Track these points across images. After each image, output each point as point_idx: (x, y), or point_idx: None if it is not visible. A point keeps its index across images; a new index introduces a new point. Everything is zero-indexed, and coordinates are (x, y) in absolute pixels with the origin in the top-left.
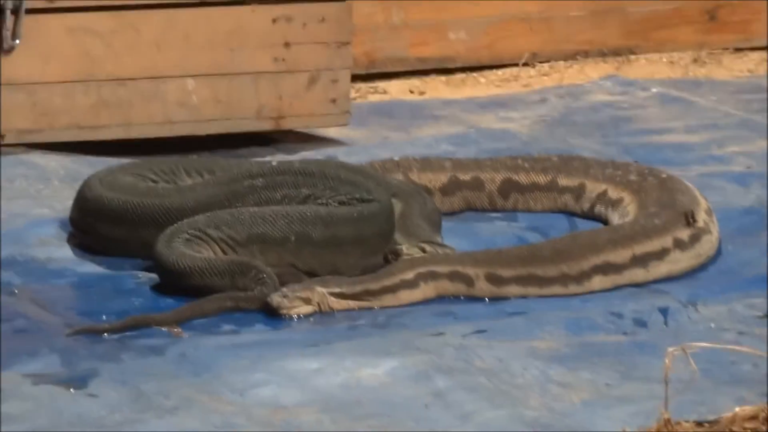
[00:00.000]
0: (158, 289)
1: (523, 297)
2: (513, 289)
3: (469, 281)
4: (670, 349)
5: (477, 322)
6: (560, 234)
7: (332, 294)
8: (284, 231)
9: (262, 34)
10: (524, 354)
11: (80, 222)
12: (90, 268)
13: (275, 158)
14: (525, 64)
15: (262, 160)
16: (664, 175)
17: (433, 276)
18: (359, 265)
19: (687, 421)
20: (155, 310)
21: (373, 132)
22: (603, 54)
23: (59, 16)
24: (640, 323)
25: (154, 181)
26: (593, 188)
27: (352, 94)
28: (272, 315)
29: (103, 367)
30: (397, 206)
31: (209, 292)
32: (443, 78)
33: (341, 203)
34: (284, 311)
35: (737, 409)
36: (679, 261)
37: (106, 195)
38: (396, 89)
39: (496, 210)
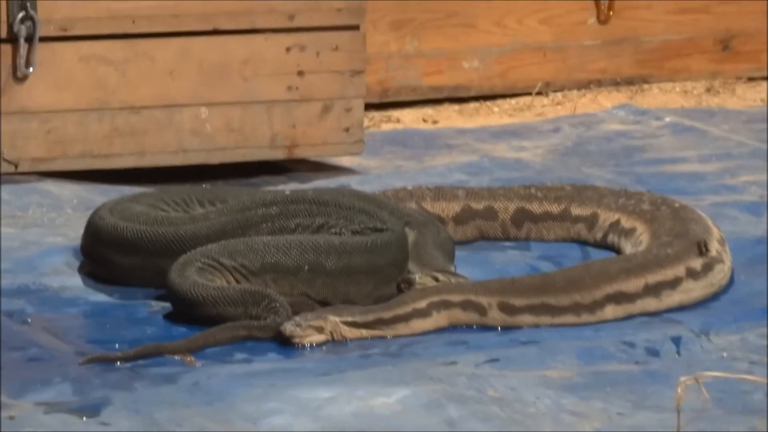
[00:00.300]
0: (171, 317)
1: (536, 326)
2: (526, 318)
3: (481, 310)
4: (683, 379)
5: (490, 351)
6: (573, 263)
7: (345, 323)
8: (297, 260)
9: (276, 63)
10: (537, 383)
11: (92, 251)
12: (103, 296)
13: (288, 187)
14: (538, 93)
15: (276, 189)
16: (677, 205)
17: (445, 305)
18: (373, 294)
19: None
20: (168, 339)
21: (386, 161)
22: (616, 83)
23: (73, 44)
24: (653, 352)
25: (165, 211)
26: (606, 217)
27: (366, 123)
28: (285, 344)
29: (115, 395)
30: (411, 235)
31: (222, 320)
32: (456, 107)
33: (355, 233)
34: (297, 340)
35: None
36: (692, 290)
37: (119, 224)
38: (409, 118)
39: (509, 239)
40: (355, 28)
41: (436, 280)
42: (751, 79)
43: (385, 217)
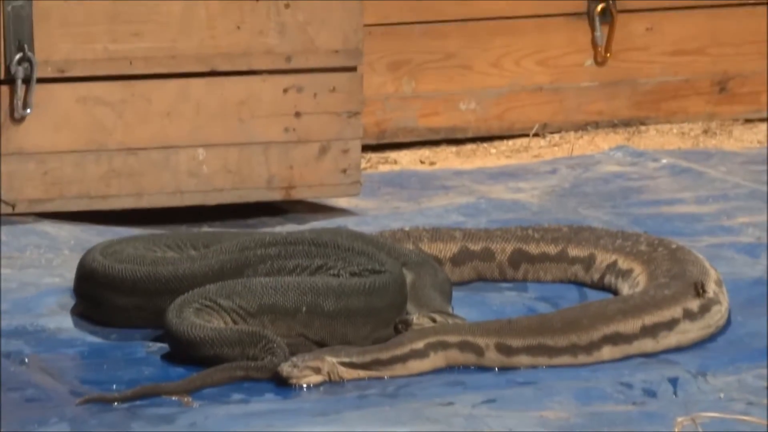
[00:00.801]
0: (168, 358)
1: (533, 367)
2: (523, 359)
3: (479, 351)
4: (680, 419)
5: (487, 392)
6: (570, 304)
7: (342, 363)
8: (295, 302)
9: (273, 104)
10: (534, 424)
11: (87, 293)
12: (100, 337)
13: (285, 228)
14: (535, 135)
15: (272, 230)
16: (674, 246)
17: (443, 346)
18: (371, 336)
19: None
20: (165, 380)
21: (383, 202)
22: (613, 125)
23: (70, 85)
24: (650, 393)
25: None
26: (603, 259)
27: (363, 164)
28: (282, 384)
29: None
30: (408, 276)
31: (219, 361)
32: (453, 148)
33: (353, 274)
34: (294, 381)
35: None
36: (689, 331)
37: (115, 266)
38: (406, 159)
39: (506, 280)
40: (353, 69)
41: (434, 320)
42: (748, 121)
43: (384, 259)
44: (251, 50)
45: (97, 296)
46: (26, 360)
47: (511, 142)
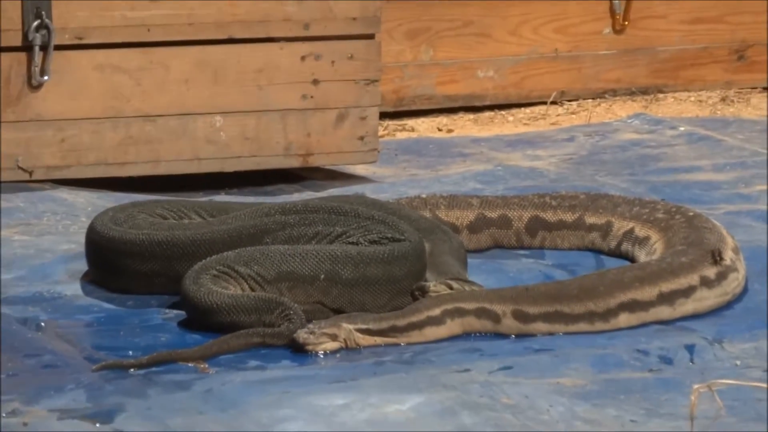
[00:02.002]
0: (185, 325)
1: (550, 334)
2: (539, 326)
3: (495, 318)
4: (696, 387)
5: (503, 359)
6: (587, 271)
7: (359, 330)
8: (313, 269)
9: (291, 72)
10: (550, 391)
11: (102, 261)
12: (116, 304)
13: (303, 195)
14: (553, 103)
15: (290, 198)
16: (691, 214)
17: (459, 313)
18: (389, 304)
19: None
20: (182, 346)
21: (400, 169)
22: (631, 92)
23: (88, 52)
24: (666, 360)
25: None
26: (620, 226)
27: (381, 132)
28: (298, 351)
29: (129, 402)
30: (425, 243)
31: (236, 328)
32: (471, 116)
33: (373, 242)
34: (310, 347)
35: None
36: (706, 299)
37: (131, 232)
38: (424, 127)
39: (523, 247)
40: (371, 37)
41: (450, 287)
42: (765, 89)
43: (404, 227)
44: (269, 17)
45: (114, 263)
46: (43, 326)
47: (528, 110)
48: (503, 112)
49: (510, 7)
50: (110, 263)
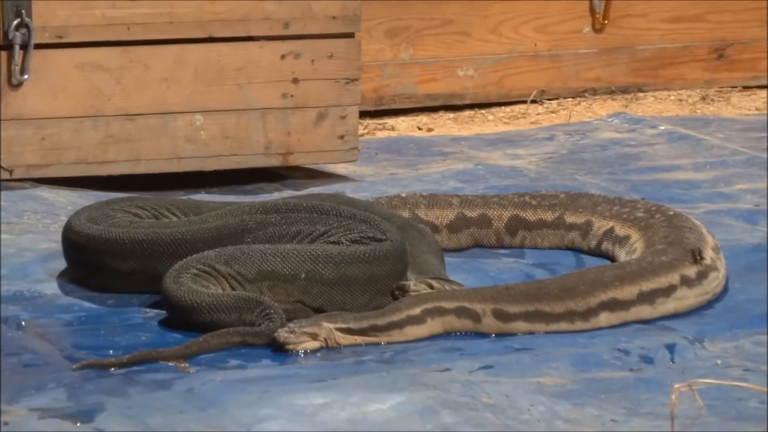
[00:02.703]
0: (165, 324)
1: (530, 333)
2: (520, 326)
3: (476, 317)
4: (677, 386)
5: (483, 358)
6: (567, 271)
7: (339, 329)
8: (294, 268)
9: (271, 70)
10: (531, 390)
11: (81, 260)
12: (97, 303)
13: (283, 194)
14: (533, 102)
15: (270, 197)
16: (671, 213)
17: (440, 312)
18: (370, 304)
19: None
20: (162, 345)
21: (381, 168)
22: (611, 91)
23: (68, 51)
24: (647, 360)
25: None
26: (600, 225)
27: (361, 131)
28: (279, 350)
29: (109, 401)
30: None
31: (216, 327)
32: (451, 115)
33: (354, 242)
34: (291, 347)
35: None
36: (686, 298)
37: (111, 230)
38: (404, 126)
39: (503, 247)
40: (350, 35)
41: (431, 286)
42: (746, 88)
43: (386, 227)
44: (249, 16)
45: (94, 262)
46: (23, 325)
47: (508, 109)
48: (483, 111)
49: (490, 6)
50: (90, 262)
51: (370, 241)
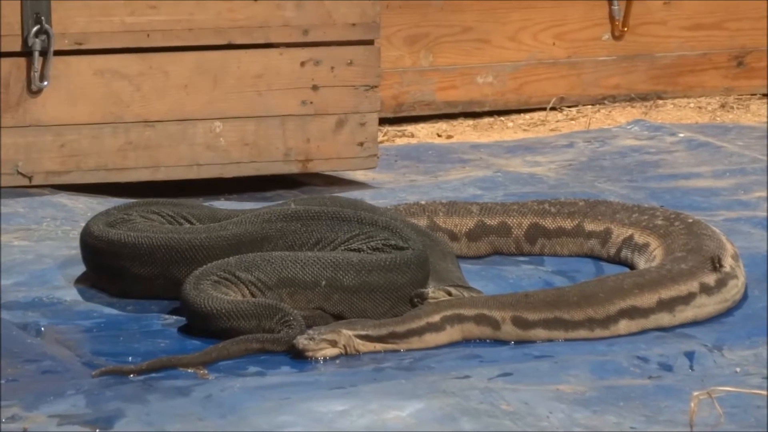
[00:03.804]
0: (184, 330)
1: (549, 340)
2: (539, 333)
3: (495, 324)
4: (696, 393)
5: (503, 365)
6: (587, 278)
7: (358, 336)
8: (315, 276)
9: (291, 77)
10: (550, 397)
11: (100, 265)
12: (116, 309)
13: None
14: (552, 109)
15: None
16: (690, 220)
17: (459, 319)
18: (390, 312)
19: None
20: (181, 352)
21: (400, 175)
22: (631, 99)
23: (87, 57)
24: (666, 367)
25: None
26: (619, 233)
27: (380, 137)
28: (298, 357)
29: (128, 408)
30: None
31: (236, 334)
32: (471, 122)
33: (375, 249)
34: (310, 353)
35: None
36: (706, 306)
37: (131, 234)
38: (423, 133)
39: (522, 254)
40: (370, 42)
41: (449, 294)
42: (765, 95)
43: (408, 235)
44: (268, 23)
45: (114, 267)
46: (43, 331)
47: (528, 116)
48: (503, 118)
49: (509, 13)
50: (109, 266)
51: (391, 249)
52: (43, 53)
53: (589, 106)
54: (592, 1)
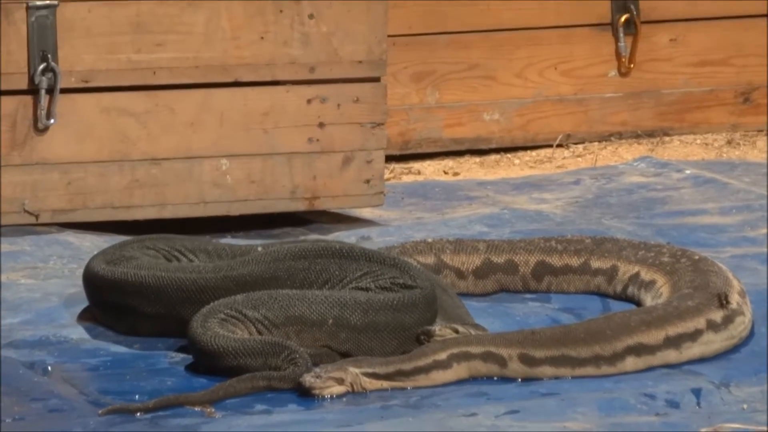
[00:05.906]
0: (191, 368)
1: (556, 378)
2: (546, 370)
3: (502, 362)
4: (703, 430)
5: (510, 403)
6: (593, 315)
7: (365, 374)
8: (322, 314)
9: (297, 115)
10: None
11: (106, 303)
12: (123, 347)
13: (308, 239)
14: (559, 146)
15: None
16: (697, 257)
17: (466, 357)
18: (398, 352)
19: None
20: (188, 390)
21: (407, 213)
22: (637, 135)
23: (94, 95)
24: (673, 404)
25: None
26: (626, 270)
27: (387, 175)
28: (305, 395)
29: None
30: None
31: (242, 372)
32: (477, 159)
33: (383, 288)
34: (317, 391)
35: None
36: (713, 342)
37: (139, 273)
38: (430, 170)
39: (529, 292)
40: (376, 80)
41: (456, 331)
42: None
43: (416, 274)
44: (275, 60)
45: (120, 305)
46: (49, 370)
47: (534, 153)
48: (509, 155)
49: (515, 50)
50: (116, 304)
51: (399, 288)
52: (50, 91)
53: (596, 143)
54: (599, 37)
